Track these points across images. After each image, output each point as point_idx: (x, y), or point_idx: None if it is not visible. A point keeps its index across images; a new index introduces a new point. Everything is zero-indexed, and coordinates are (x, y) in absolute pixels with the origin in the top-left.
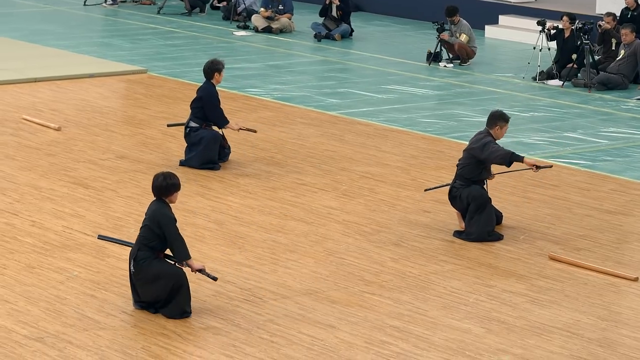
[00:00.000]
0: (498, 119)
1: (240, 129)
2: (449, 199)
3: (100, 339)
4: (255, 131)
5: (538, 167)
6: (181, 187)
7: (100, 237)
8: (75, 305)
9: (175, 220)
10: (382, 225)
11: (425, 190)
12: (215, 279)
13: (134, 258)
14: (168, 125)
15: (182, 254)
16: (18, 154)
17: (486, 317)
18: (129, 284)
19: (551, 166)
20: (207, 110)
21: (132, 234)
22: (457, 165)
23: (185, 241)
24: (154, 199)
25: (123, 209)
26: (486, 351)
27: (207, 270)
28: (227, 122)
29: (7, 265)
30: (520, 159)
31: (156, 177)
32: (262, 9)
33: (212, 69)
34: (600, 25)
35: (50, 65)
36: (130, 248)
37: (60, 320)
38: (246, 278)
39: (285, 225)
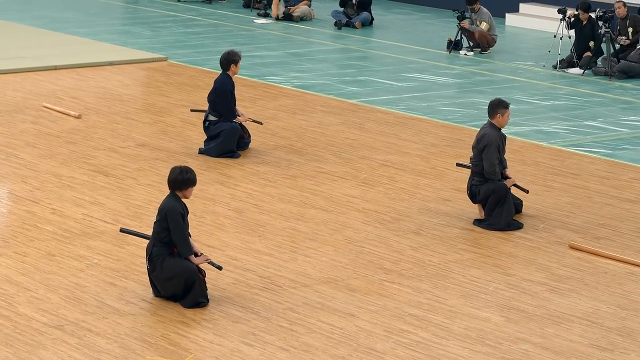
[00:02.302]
0: (497, 107)
1: (247, 120)
2: (469, 196)
3: (120, 327)
4: (261, 123)
5: (515, 186)
6: (197, 181)
7: (123, 230)
8: (95, 293)
9: (183, 216)
10: (401, 213)
11: (457, 164)
12: (220, 268)
13: (149, 255)
14: (191, 110)
15: (183, 251)
16: (38, 141)
17: (506, 306)
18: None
19: (527, 191)
20: (217, 100)
21: (152, 223)
22: (470, 163)
23: (206, 229)
24: (168, 192)
25: (143, 197)
26: (506, 340)
27: (211, 260)
28: (235, 116)
29: (27, 252)
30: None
31: (172, 170)
32: None
33: (229, 60)
34: (621, 41)
35: (70, 52)
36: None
37: (80, 308)
38: (266, 266)
39: (305, 214)
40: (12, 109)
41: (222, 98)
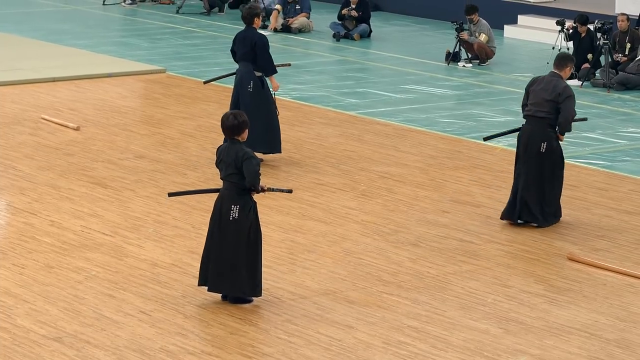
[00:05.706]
0: (568, 59)
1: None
2: (528, 148)
3: (118, 339)
4: (289, 64)
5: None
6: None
7: (171, 194)
8: (94, 305)
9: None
10: (400, 225)
11: (485, 139)
12: (290, 191)
13: (224, 203)
14: (204, 83)
15: (256, 184)
16: (37, 153)
17: (504, 318)
18: (147, 284)
19: (586, 119)
20: (259, 53)
21: (150, 234)
22: (536, 116)
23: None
24: (225, 143)
25: (141, 208)
26: (504, 352)
27: (273, 188)
28: (275, 69)
29: (25, 264)
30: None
31: (226, 118)
32: (277, 5)
33: (252, 14)
34: (617, 58)
35: (69, 64)
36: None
37: (78, 320)
38: (264, 278)
39: (304, 225)
40: (11, 120)
41: (263, 50)
